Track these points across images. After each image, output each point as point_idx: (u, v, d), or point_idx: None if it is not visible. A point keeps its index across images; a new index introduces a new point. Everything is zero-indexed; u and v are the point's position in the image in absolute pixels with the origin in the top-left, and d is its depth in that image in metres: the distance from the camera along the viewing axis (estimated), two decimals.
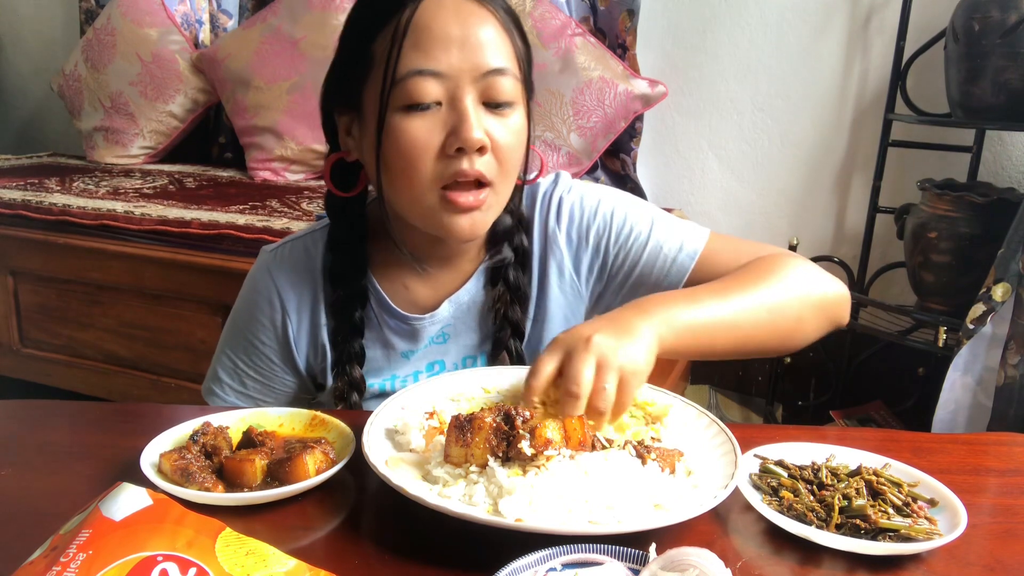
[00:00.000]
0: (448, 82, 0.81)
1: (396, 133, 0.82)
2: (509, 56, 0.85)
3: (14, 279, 2.23)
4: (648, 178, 2.61)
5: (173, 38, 2.96)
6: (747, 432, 0.79)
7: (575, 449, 0.67)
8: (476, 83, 0.82)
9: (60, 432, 0.82)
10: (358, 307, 0.95)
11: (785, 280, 0.88)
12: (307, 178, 2.77)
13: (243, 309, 1.00)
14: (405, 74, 0.81)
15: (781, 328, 0.88)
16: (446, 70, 0.81)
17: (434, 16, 0.82)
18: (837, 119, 2.38)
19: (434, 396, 0.82)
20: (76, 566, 0.50)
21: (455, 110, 0.82)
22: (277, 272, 0.98)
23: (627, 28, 2.48)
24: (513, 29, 0.87)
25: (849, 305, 0.94)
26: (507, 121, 0.85)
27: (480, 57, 0.82)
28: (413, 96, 0.81)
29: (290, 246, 1.00)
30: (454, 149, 0.81)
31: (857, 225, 2.37)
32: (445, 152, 0.82)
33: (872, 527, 0.63)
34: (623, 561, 0.57)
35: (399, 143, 0.82)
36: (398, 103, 0.82)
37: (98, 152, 3.02)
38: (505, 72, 0.83)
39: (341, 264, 0.96)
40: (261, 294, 0.98)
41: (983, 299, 1.70)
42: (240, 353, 1.00)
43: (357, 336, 0.95)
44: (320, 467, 0.69)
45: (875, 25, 2.28)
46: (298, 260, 0.98)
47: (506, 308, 0.96)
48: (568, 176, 1.03)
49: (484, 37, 0.83)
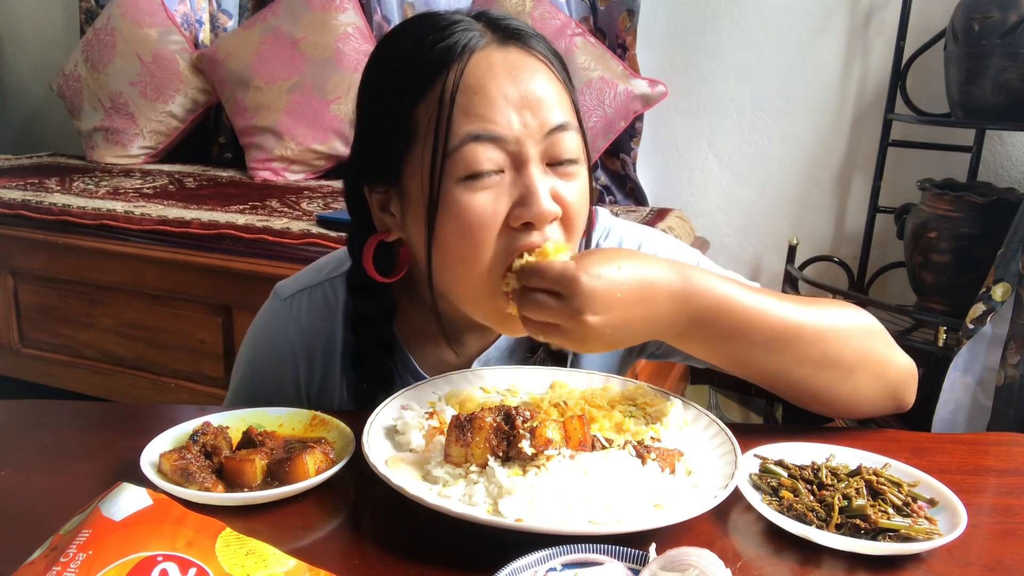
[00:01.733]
0: (509, 146, 0.73)
1: (456, 208, 0.73)
2: (568, 108, 0.77)
3: (14, 279, 2.23)
4: (648, 178, 2.61)
5: (173, 38, 2.96)
6: (747, 432, 0.79)
7: (575, 449, 0.67)
8: (539, 144, 0.74)
9: (60, 432, 0.82)
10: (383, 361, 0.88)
11: (853, 325, 0.78)
12: (307, 178, 2.77)
13: (256, 362, 0.93)
14: (460, 141, 0.72)
15: (828, 375, 0.77)
16: (506, 133, 0.72)
17: (486, 75, 0.73)
18: (837, 119, 2.38)
19: (434, 396, 0.82)
20: (76, 566, 0.50)
21: (520, 177, 0.73)
22: (295, 327, 0.90)
23: (627, 28, 2.48)
24: (565, 76, 0.79)
25: (915, 385, 0.82)
26: (573, 182, 0.76)
27: (541, 115, 0.74)
28: (472, 166, 0.72)
29: (308, 295, 0.91)
30: (521, 223, 0.73)
31: (857, 225, 2.37)
32: (509, 225, 0.74)
33: (872, 527, 0.63)
34: (623, 561, 0.57)
35: (460, 220, 0.73)
36: (454, 175, 0.73)
37: (98, 152, 3.02)
38: (568, 127, 0.75)
39: (365, 344, 0.88)
40: (278, 350, 0.91)
41: (983, 299, 1.70)
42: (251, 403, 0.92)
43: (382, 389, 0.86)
44: (320, 467, 0.69)
45: (875, 25, 2.28)
46: (318, 313, 0.90)
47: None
48: (607, 214, 0.95)
49: (541, 92, 0.74)
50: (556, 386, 0.86)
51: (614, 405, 0.81)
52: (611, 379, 0.87)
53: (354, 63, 2.67)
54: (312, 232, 1.93)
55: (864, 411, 0.82)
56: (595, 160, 2.51)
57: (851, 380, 0.79)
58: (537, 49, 0.78)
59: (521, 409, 0.68)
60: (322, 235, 1.91)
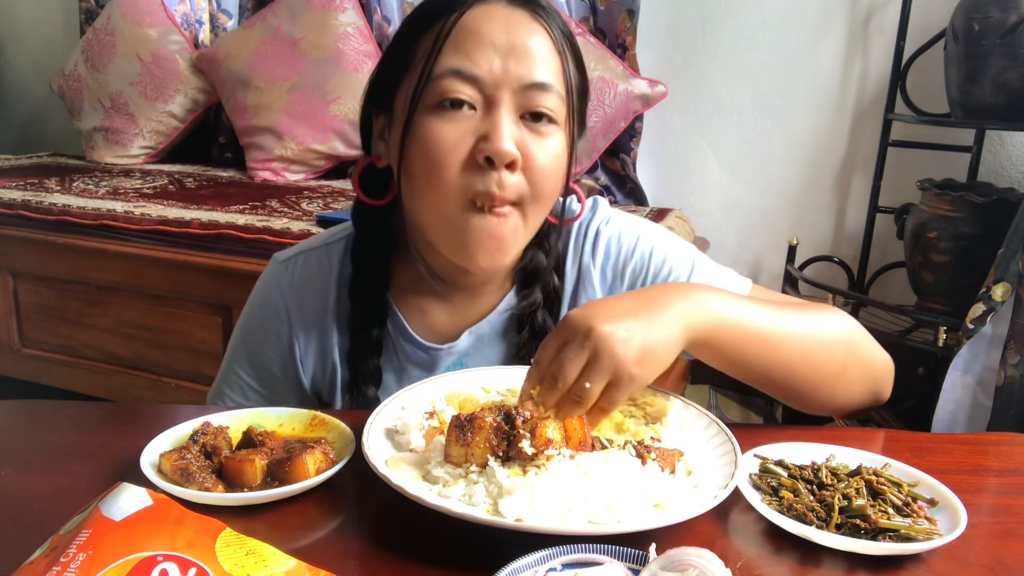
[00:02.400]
0: (485, 87, 0.77)
1: (423, 133, 0.78)
2: (557, 75, 0.80)
3: (14, 279, 2.23)
4: (648, 178, 2.61)
5: (173, 38, 2.96)
6: (747, 432, 0.79)
7: (575, 449, 0.67)
8: (516, 94, 0.77)
9: (60, 432, 0.82)
10: (376, 326, 0.90)
11: (839, 325, 0.82)
12: (307, 178, 2.77)
13: (250, 322, 0.96)
14: (441, 72, 0.77)
15: (824, 370, 0.81)
16: (485, 75, 0.77)
17: (483, 21, 0.78)
18: (837, 119, 2.38)
19: (434, 396, 0.82)
20: (76, 566, 0.50)
21: (488, 117, 0.77)
22: (288, 286, 0.93)
23: (627, 28, 2.48)
24: (567, 53, 0.82)
25: (892, 379, 0.87)
26: (545, 140, 0.79)
27: (524, 68, 0.77)
28: (444, 94, 0.77)
29: (303, 258, 0.95)
30: (483, 157, 0.76)
31: (857, 225, 2.37)
32: (473, 160, 0.77)
33: (872, 527, 0.63)
34: (623, 561, 0.57)
35: (424, 144, 0.77)
36: (429, 101, 0.78)
37: (98, 152, 3.02)
38: (549, 88, 0.78)
39: (362, 280, 0.91)
40: (270, 308, 0.94)
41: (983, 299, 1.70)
42: (245, 367, 0.96)
43: (375, 356, 0.91)
44: (320, 467, 0.69)
45: (875, 25, 2.28)
46: (311, 274, 0.94)
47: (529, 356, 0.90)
48: (606, 203, 0.97)
49: (531, 48, 0.78)
50: None
51: None
52: None
53: (354, 63, 2.67)
54: (312, 232, 1.93)
55: (851, 407, 0.87)
56: (595, 160, 2.51)
57: (841, 380, 0.83)
58: (543, 17, 0.81)
59: (521, 409, 0.68)
60: None
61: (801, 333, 0.80)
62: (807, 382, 0.81)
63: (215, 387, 0.99)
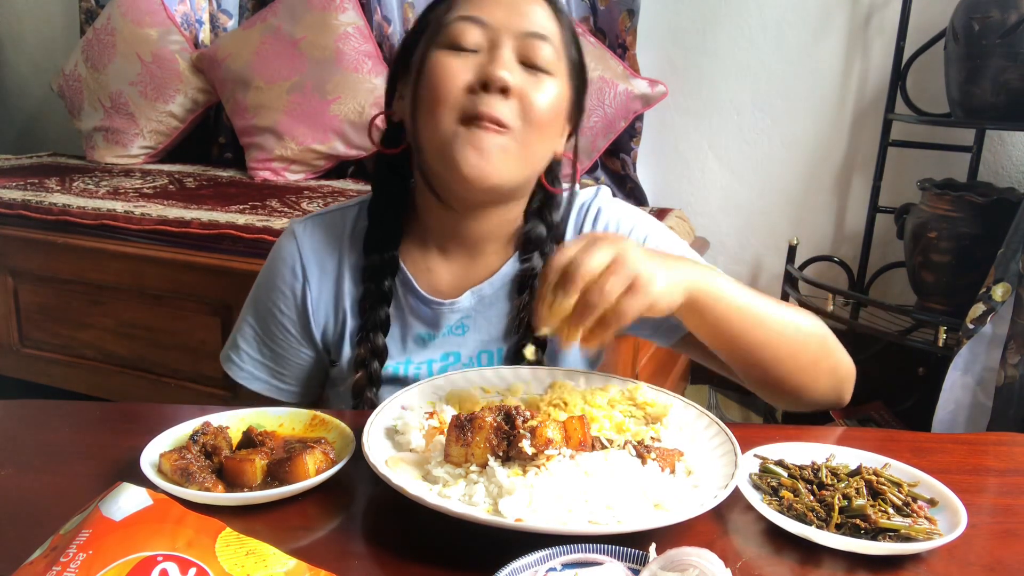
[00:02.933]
0: (490, 31, 0.86)
1: (432, 67, 0.86)
2: (554, 34, 0.89)
3: (14, 279, 2.23)
4: (648, 178, 2.61)
5: (173, 38, 2.96)
6: (747, 432, 0.79)
7: (575, 449, 0.67)
8: (516, 39, 0.86)
9: (60, 432, 0.82)
10: (388, 276, 0.96)
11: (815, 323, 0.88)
12: (307, 178, 2.77)
13: (265, 275, 1.02)
14: (453, 18, 0.87)
15: (800, 358, 0.86)
16: (490, 20, 0.86)
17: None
18: (837, 119, 2.38)
19: (434, 396, 0.82)
20: (76, 566, 0.50)
21: (490, 54, 0.86)
22: (303, 240, 0.99)
23: (627, 28, 2.48)
24: (564, 20, 0.91)
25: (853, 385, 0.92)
26: (541, 85, 0.87)
27: (524, 19, 0.87)
28: (455, 38, 0.86)
29: (319, 219, 1.02)
30: (480, 84, 0.84)
31: (857, 225, 2.37)
32: (471, 89, 0.85)
33: (872, 527, 0.63)
34: (623, 561, 0.57)
35: (432, 76, 0.86)
36: (441, 44, 0.87)
37: (98, 152, 3.02)
38: (546, 38, 0.87)
39: (376, 232, 0.97)
40: (284, 261, 0.99)
41: (983, 299, 1.70)
42: (259, 320, 1.01)
43: (384, 304, 0.96)
44: (320, 467, 0.69)
45: (875, 25, 2.28)
46: (326, 229, 1.00)
47: (530, 318, 0.94)
48: (608, 192, 1.04)
49: (533, 9, 0.88)
50: (556, 386, 0.86)
51: (614, 405, 0.81)
52: (611, 379, 0.87)
53: (354, 63, 2.67)
54: None
55: (816, 402, 0.90)
56: (595, 160, 2.51)
57: (812, 372, 0.87)
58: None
59: (521, 409, 0.68)
60: None
61: (784, 321, 0.85)
62: (783, 368, 0.86)
63: (230, 340, 1.04)
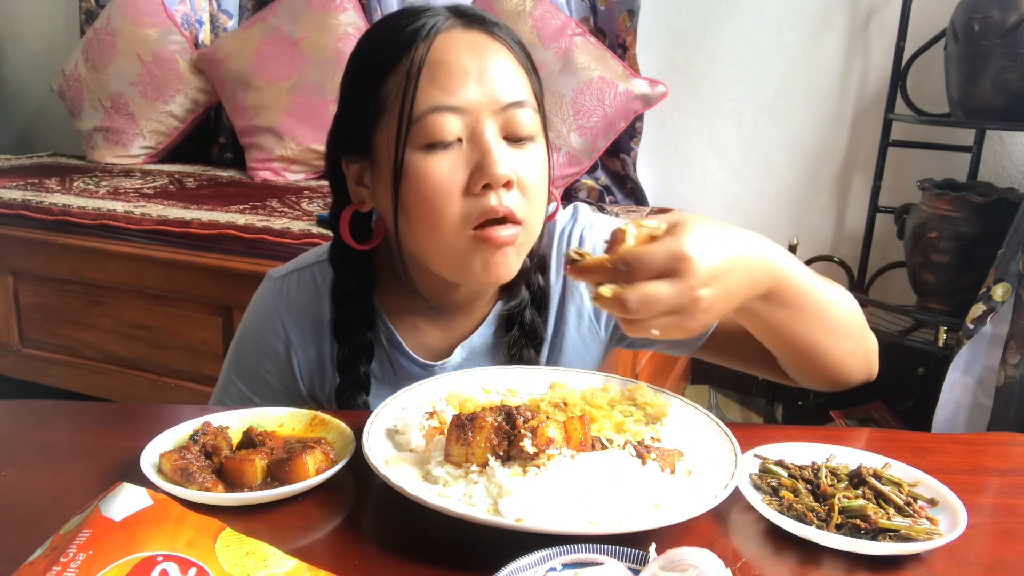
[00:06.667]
0: (468, 117, 0.78)
1: (417, 175, 0.78)
2: (527, 89, 0.82)
3: (14, 279, 2.23)
4: (648, 178, 2.61)
5: (173, 38, 2.96)
6: (747, 432, 0.79)
7: (576, 449, 0.67)
8: (496, 116, 0.79)
9: (60, 432, 0.82)
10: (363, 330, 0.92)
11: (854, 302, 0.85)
12: (307, 178, 2.77)
13: (248, 337, 0.97)
14: (423, 111, 0.78)
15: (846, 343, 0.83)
16: (465, 104, 0.78)
17: (448, 51, 0.79)
18: (837, 119, 2.38)
19: (434, 396, 0.82)
20: (76, 566, 0.50)
21: (477, 145, 0.78)
22: (283, 304, 0.95)
23: (627, 28, 2.48)
24: (528, 64, 0.85)
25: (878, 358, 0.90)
26: (530, 156, 0.81)
27: (499, 90, 0.79)
28: (433, 134, 0.78)
29: (298, 275, 0.96)
30: (480, 186, 0.78)
31: (857, 225, 2.37)
32: (470, 191, 0.78)
33: (872, 527, 0.63)
34: (623, 561, 0.57)
35: (420, 185, 0.78)
36: (417, 143, 0.78)
37: (98, 152, 3.02)
38: (524, 104, 0.81)
39: (348, 317, 0.92)
40: (267, 324, 0.95)
41: (983, 299, 1.70)
42: (245, 380, 0.98)
43: (364, 362, 0.92)
44: (320, 467, 0.69)
45: (875, 25, 2.28)
46: (306, 290, 0.95)
47: (520, 351, 0.93)
48: (587, 209, 0.99)
49: (500, 70, 0.80)
50: (556, 386, 0.86)
51: (614, 405, 0.81)
52: (611, 379, 0.87)
53: None
54: (312, 232, 1.93)
55: (853, 381, 0.88)
56: (595, 160, 2.51)
57: (847, 345, 0.84)
58: (499, 34, 0.83)
59: (523, 409, 0.68)
60: (322, 235, 1.91)
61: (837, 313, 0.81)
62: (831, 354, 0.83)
63: (214, 398, 1.01)
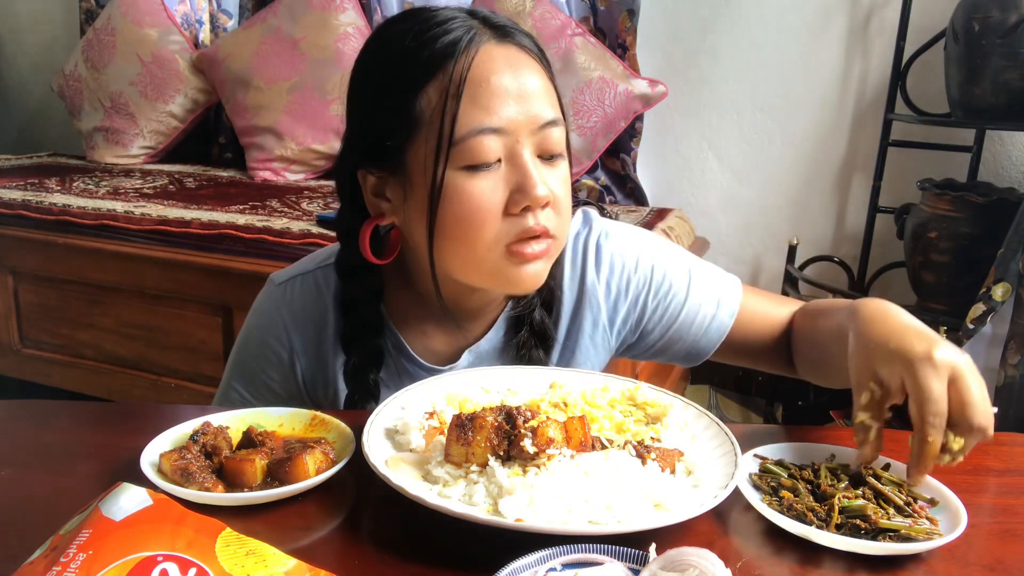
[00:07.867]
0: (508, 138, 0.78)
1: (457, 195, 0.78)
2: (556, 105, 0.83)
3: (14, 279, 2.23)
4: (648, 178, 2.61)
5: (173, 38, 2.96)
6: (747, 432, 0.79)
7: (576, 449, 0.67)
8: (533, 136, 0.79)
9: (60, 432, 0.82)
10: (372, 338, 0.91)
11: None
12: (307, 178, 2.77)
13: (251, 344, 0.96)
14: (466, 133, 0.77)
15: None
16: (507, 126, 0.78)
17: (489, 69, 0.78)
18: (837, 119, 2.38)
19: (434, 396, 0.82)
20: (76, 566, 0.50)
21: (516, 166, 0.78)
22: (286, 308, 0.94)
23: (627, 28, 2.48)
24: (552, 74, 0.85)
25: None
26: (560, 173, 0.82)
27: (536, 110, 0.79)
28: (476, 156, 0.77)
29: (300, 280, 0.95)
30: (520, 208, 0.78)
31: (857, 225, 2.37)
32: (509, 211, 0.79)
33: (872, 527, 0.63)
34: (623, 561, 0.57)
35: (460, 206, 0.78)
36: (457, 163, 0.78)
37: (98, 152, 3.02)
38: (558, 123, 0.81)
39: (356, 326, 0.91)
40: (269, 330, 0.94)
41: (983, 299, 1.70)
42: (247, 386, 0.96)
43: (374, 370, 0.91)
44: (320, 467, 0.69)
45: (875, 25, 2.28)
46: (309, 296, 0.94)
47: (529, 352, 0.93)
48: (597, 215, 1.00)
49: (536, 87, 0.80)
50: (556, 386, 0.86)
51: (614, 405, 0.81)
52: (611, 379, 0.87)
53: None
54: (312, 232, 1.93)
55: None
56: (595, 160, 2.51)
57: None
58: (528, 47, 0.83)
59: (523, 409, 0.68)
60: (322, 235, 1.91)
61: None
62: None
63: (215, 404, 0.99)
